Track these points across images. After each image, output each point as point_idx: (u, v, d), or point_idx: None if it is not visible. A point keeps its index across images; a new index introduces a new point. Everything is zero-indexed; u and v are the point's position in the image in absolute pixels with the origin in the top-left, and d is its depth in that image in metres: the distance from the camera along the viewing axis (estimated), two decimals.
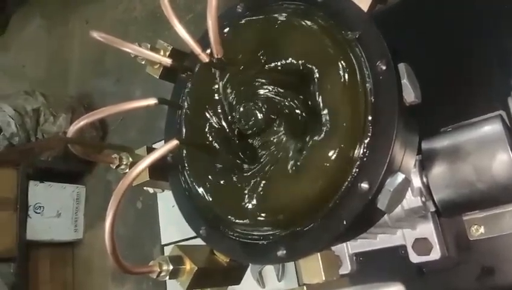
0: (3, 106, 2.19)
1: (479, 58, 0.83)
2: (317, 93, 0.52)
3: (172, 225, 1.37)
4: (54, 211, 2.36)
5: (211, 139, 0.58)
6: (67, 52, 2.94)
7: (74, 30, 2.95)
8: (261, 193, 0.54)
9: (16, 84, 2.99)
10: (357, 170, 0.49)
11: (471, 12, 0.87)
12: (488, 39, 0.82)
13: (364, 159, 0.49)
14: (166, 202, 1.41)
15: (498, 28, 0.80)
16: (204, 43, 0.54)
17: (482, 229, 0.72)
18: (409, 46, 0.90)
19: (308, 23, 0.54)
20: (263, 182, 0.54)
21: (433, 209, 0.68)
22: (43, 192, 2.33)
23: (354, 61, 0.50)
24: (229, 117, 0.57)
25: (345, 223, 0.48)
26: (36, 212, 2.29)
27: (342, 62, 0.50)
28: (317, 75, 0.52)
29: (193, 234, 0.66)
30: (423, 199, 0.66)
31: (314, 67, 0.52)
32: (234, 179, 0.56)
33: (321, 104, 0.51)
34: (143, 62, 0.65)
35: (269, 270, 1.16)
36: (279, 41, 0.55)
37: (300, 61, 0.53)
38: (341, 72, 0.50)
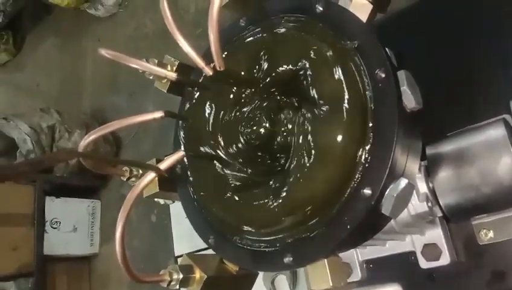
0: (19, 123, 2.24)
1: (485, 61, 0.84)
2: (319, 101, 0.53)
3: (185, 237, 1.38)
4: (70, 225, 2.40)
5: (216, 150, 0.60)
6: (81, 69, 3.01)
7: (87, 48, 3.01)
8: (267, 202, 0.55)
9: (32, 102, 3.07)
10: (359, 176, 0.50)
11: (475, 16, 0.87)
12: (492, 42, 0.83)
13: (367, 165, 0.49)
14: (179, 214, 1.43)
15: (501, 31, 0.81)
16: (209, 57, 0.56)
17: (491, 234, 0.71)
18: (414, 52, 0.91)
19: (308, 34, 0.55)
20: (270, 191, 0.55)
21: (440, 214, 0.69)
22: (60, 207, 2.37)
23: (353, 69, 0.51)
24: (234, 129, 0.59)
25: (348, 228, 0.49)
26: (53, 228, 2.32)
27: (342, 71, 0.52)
28: (319, 85, 0.53)
29: (205, 245, 0.67)
30: (429, 204, 0.66)
31: (315, 77, 0.54)
32: (240, 188, 0.58)
33: (323, 112, 0.52)
34: (151, 77, 0.67)
35: (282, 280, 1.16)
36: (281, 53, 0.57)
37: (301, 72, 0.55)
38: (342, 81, 0.52)
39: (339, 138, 0.50)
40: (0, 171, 0.34)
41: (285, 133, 0.55)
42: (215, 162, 0.60)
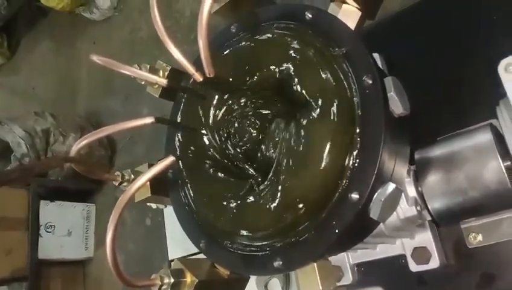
0: (13, 127, 2.24)
1: (473, 67, 0.85)
2: (307, 107, 0.54)
3: (179, 241, 1.38)
4: (64, 229, 2.39)
5: (207, 155, 0.60)
6: (76, 72, 3.00)
7: (82, 51, 3.01)
8: (257, 206, 0.56)
9: (26, 105, 3.06)
10: (347, 181, 0.50)
11: (466, 22, 0.89)
12: (480, 49, 0.84)
13: (354, 170, 0.50)
14: (173, 218, 1.44)
15: (489, 37, 0.82)
16: (199, 63, 0.57)
17: (480, 237, 0.73)
18: (404, 58, 0.92)
19: (298, 41, 0.56)
20: (259, 196, 0.56)
21: (429, 218, 0.69)
22: (54, 211, 2.36)
23: (341, 76, 0.52)
24: (224, 135, 0.59)
25: (337, 232, 0.50)
26: (47, 232, 2.31)
27: (331, 77, 0.52)
28: (307, 90, 0.54)
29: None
30: (418, 208, 0.67)
31: (304, 83, 0.54)
32: (230, 194, 0.58)
33: (311, 118, 0.53)
34: (143, 83, 0.68)
35: (276, 283, 1.16)
36: (270, 59, 0.58)
37: (290, 78, 0.55)
38: (330, 87, 0.52)
39: (327, 143, 0.51)
40: None
41: (276, 139, 0.56)
42: (207, 167, 0.61)
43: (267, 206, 0.54)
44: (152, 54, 2.45)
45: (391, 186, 0.51)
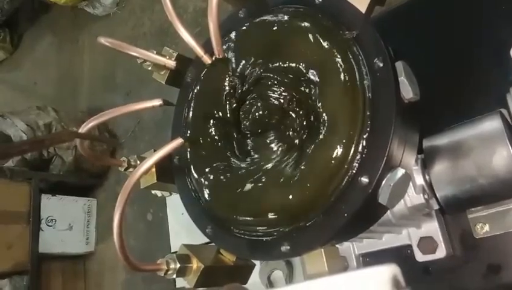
0: (15, 121, 2.24)
1: (483, 57, 0.84)
2: (317, 90, 0.53)
3: (182, 233, 1.38)
4: (65, 224, 2.39)
5: (215, 138, 0.60)
6: (78, 68, 3.00)
7: (84, 46, 3.01)
8: (265, 190, 0.55)
9: (28, 100, 3.06)
10: (357, 164, 0.50)
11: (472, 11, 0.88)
12: (488, 38, 0.83)
13: (364, 154, 0.50)
14: (175, 210, 1.44)
15: (497, 27, 0.82)
16: (207, 47, 0.56)
17: (486, 227, 0.72)
18: (412, 47, 0.92)
19: (308, 24, 0.56)
20: (267, 179, 0.56)
21: (436, 207, 0.69)
22: (55, 205, 2.36)
23: (352, 59, 0.52)
24: (232, 117, 0.59)
25: (346, 216, 0.49)
26: (48, 225, 2.31)
27: (341, 60, 0.52)
28: (317, 74, 0.54)
29: (202, 241, 0.67)
30: (426, 196, 0.66)
31: (314, 66, 0.54)
32: (238, 177, 0.58)
33: (321, 101, 0.52)
34: (149, 68, 0.67)
35: (279, 275, 1.16)
36: (280, 43, 0.57)
37: (300, 61, 0.55)
38: (340, 69, 0.52)
39: (337, 126, 0.51)
40: (2, 150, 0.34)
41: (285, 117, 0.55)
42: (215, 150, 0.60)
43: (276, 190, 0.54)
44: (155, 49, 2.44)
45: (401, 172, 0.51)
